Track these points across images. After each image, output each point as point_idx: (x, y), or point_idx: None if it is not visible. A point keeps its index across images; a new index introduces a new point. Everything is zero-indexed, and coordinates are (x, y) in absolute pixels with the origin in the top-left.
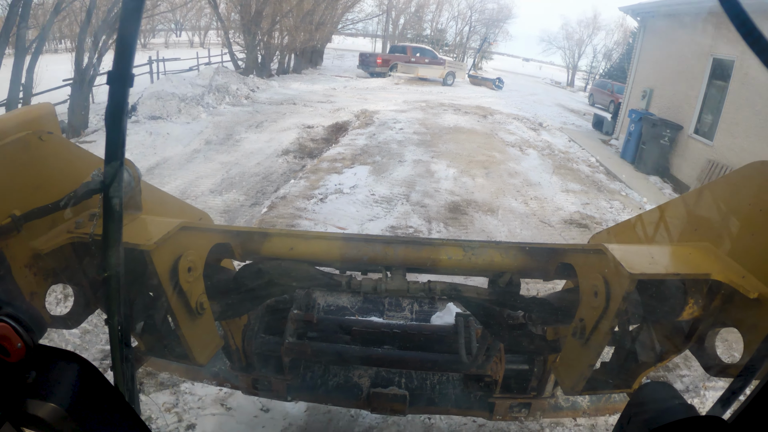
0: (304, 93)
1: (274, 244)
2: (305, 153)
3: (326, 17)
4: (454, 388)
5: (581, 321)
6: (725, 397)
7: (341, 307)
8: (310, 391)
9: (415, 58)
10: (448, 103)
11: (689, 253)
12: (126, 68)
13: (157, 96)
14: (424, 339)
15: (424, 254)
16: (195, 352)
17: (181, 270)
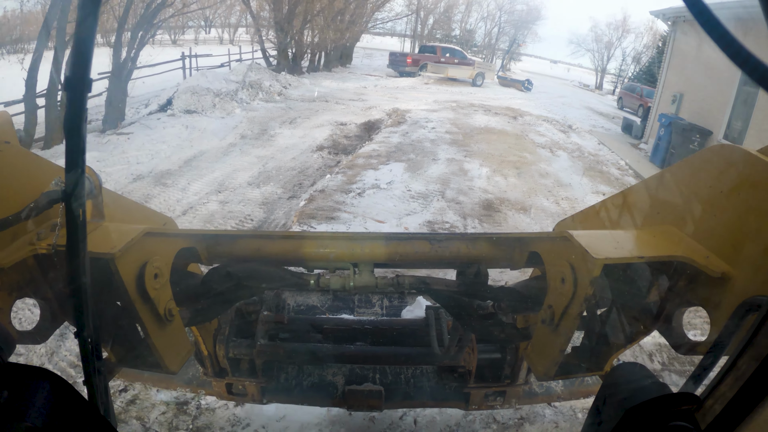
0: (336, 91)
1: (240, 246)
2: (339, 149)
3: (356, 16)
4: (429, 381)
5: (550, 308)
6: (696, 374)
7: (311, 306)
8: (285, 393)
9: (444, 58)
10: (478, 103)
11: (653, 237)
12: (84, 73)
13: (192, 91)
14: (395, 333)
15: (390, 249)
16: (166, 360)
17: (148, 277)
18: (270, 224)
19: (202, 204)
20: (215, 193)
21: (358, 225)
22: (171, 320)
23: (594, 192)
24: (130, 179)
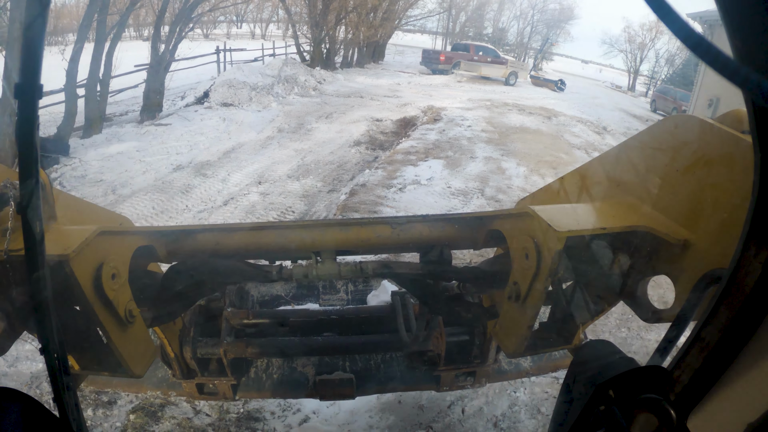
0: (370, 87)
1: (198, 241)
2: (376, 145)
3: (389, 13)
4: (399, 366)
5: (515, 284)
6: (662, 347)
7: (275, 296)
8: (256, 388)
9: (477, 56)
10: (512, 103)
11: (614, 209)
12: (34, 79)
13: (229, 84)
14: (362, 322)
15: (351, 235)
16: (131, 364)
17: (105, 278)
18: (311, 216)
19: (243, 195)
20: (255, 184)
21: None
22: (132, 322)
23: None
24: (171, 169)
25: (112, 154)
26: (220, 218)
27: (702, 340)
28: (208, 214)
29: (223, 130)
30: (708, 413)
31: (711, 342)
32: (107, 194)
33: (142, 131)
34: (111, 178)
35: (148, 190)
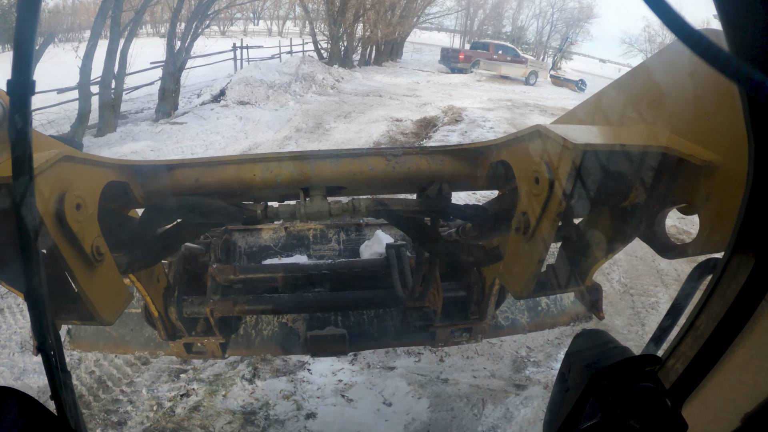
0: (388, 86)
1: (177, 178)
2: (397, 146)
3: (408, 11)
4: (393, 321)
5: (524, 214)
6: (657, 336)
7: (264, 247)
8: (246, 346)
9: (497, 55)
10: (533, 103)
11: (631, 131)
12: (26, 76)
13: (246, 82)
14: (355, 276)
15: (343, 168)
16: (100, 309)
17: (68, 207)
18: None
19: None
20: None
21: None
22: (101, 260)
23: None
24: None
25: (126, 153)
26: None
27: (696, 329)
28: None
29: (239, 129)
30: (703, 402)
31: (705, 331)
32: None
33: (157, 130)
34: None
35: None
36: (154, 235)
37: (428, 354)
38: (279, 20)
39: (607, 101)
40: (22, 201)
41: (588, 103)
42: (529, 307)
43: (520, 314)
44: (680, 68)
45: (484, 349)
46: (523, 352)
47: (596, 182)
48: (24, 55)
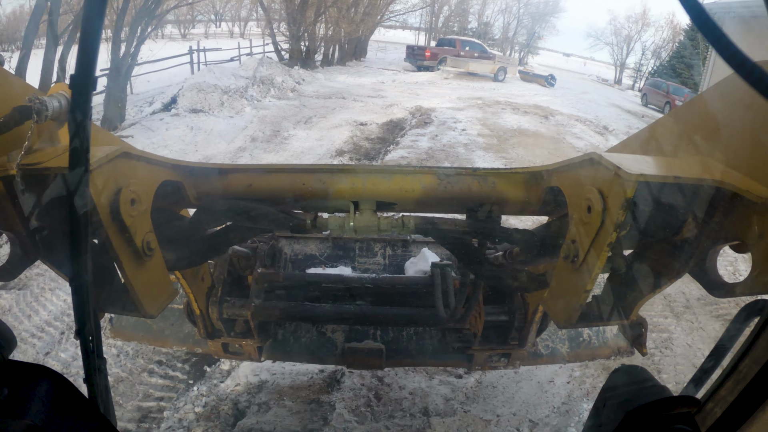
0: (352, 86)
1: (230, 181)
2: (361, 154)
3: (371, 8)
4: (431, 339)
5: (573, 242)
6: (697, 377)
7: (309, 255)
8: (282, 351)
9: (464, 52)
10: (504, 101)
11: (687, 162)
12: (89, 71)
13: (199, 88)
14: (398, 292)
15: (395, 184)
16: (144, 302)
17: (123, 202)
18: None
19: None
20: None
21: None
22: (150, 255)
23: None
24: None
25: None
26: None
27: (739, 373)
28: None
29: (189, 141)
30: None
31: (748, 375)
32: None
33: None
34: None
35: None
36: (203, 235)
37: None
38: (241, 22)
39: (662, 131)
40: (75, 191)
41: (642, 133)
42: (570, 336)
43: (561, 344)
44: (738, 100)
45: None
46: None
47: (648, 214)
48: (88, 53)
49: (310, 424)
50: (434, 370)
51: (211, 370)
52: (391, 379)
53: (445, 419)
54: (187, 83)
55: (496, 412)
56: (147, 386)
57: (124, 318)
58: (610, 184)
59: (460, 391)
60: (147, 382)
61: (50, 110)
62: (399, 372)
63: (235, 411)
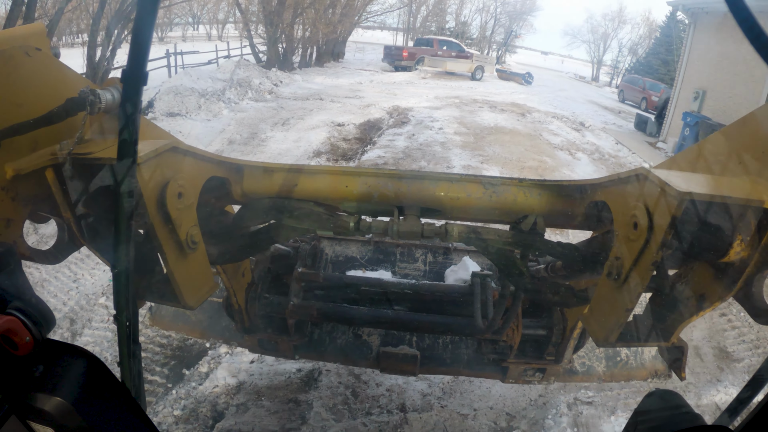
0: (330, 87)
1: (275, 180)
2: (339, 154)
3: (348, 9)
4: (467, 349)
5: (617, 259)
6: (733, 407)
7: (350, 258)
8: (317, 351)
9: (442, 51)
10: (481, 99)
11: (737, 182)
12: (140, 66)
13: (176, 91)
14: (437, 300)
15: (440, 191)
16: (185, 294)
17: (170, 195)
18: None
19: None
20: None
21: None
22: (193, 248)
23: None
24: None
25: None
26: None
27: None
28: None
29: None
30: None
31: None
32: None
33: None
34: None
35: None
36: (247, 232)
37: None
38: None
39: (712, 149)
40: (122, 181)
41: (691, 150)
42: (607, 355)
43: (597, 362)
44: None
45: None
46: None
47: (695, 233)
48: (140, 48)
49: (288, 424)
50: None
51: (189, 372)
52: (368, 376)
53: (422, 414)
54: (164, 87)
55: (473, 407)
56: None
57: (164, 308)
58: (657, 201)
59: (437, 387)
60: None
61: (103, 103)
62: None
63: (214, 413)
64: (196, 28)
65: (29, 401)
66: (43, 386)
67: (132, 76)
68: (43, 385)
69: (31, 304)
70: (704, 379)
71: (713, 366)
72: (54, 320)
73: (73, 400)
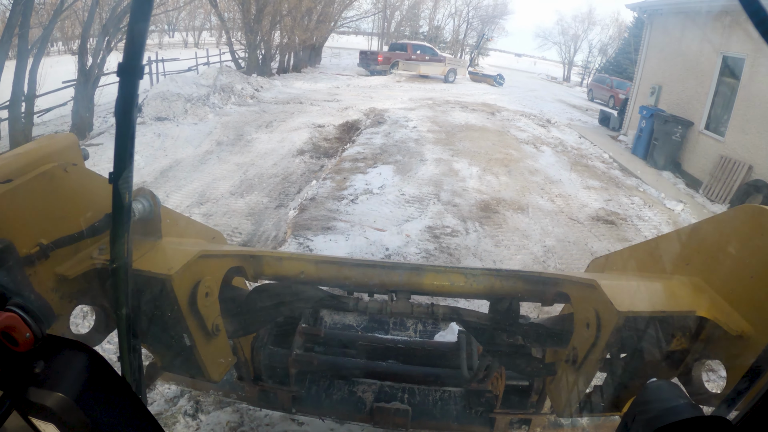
0: (308, 92)
1: (284, 267)
2: (321, 153)
3: (324, 15)
4: (455, 404)
5: (574, 349)
6: (730, 398)
7: (347, 326)
8: (314, 405)
9: (415, 55)
10: (454, 100)
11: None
12: (137, 60)
13: (163, 97)
14: (427, 354)
15: (427, 280)
16: (209, 370)
17: (200, 295)
18: (260, 237)
19: None
20: (197, 205)
21: (357, 234)
22: (217, 334)
23: (585, 187)
24: None
25: None
26: None
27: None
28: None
29: (158, 147)
30: None
31: None
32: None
33: None
34: None
35: None
36: (259, 308)
37: None
38: (195, 31)
39: (666, 247)
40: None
41: (646, 245)
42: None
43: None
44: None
45: None
46: None
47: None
48: (136, 41)
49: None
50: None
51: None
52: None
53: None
54: (151, 92)
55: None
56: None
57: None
58: (605, 311)
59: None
60: None
61: (137, 214)
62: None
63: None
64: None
65: (30, 397)
66: (44, 382)
67: (128, 70)
68: (44, 381)
69: (31, 300)
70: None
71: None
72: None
73: (75, 396)
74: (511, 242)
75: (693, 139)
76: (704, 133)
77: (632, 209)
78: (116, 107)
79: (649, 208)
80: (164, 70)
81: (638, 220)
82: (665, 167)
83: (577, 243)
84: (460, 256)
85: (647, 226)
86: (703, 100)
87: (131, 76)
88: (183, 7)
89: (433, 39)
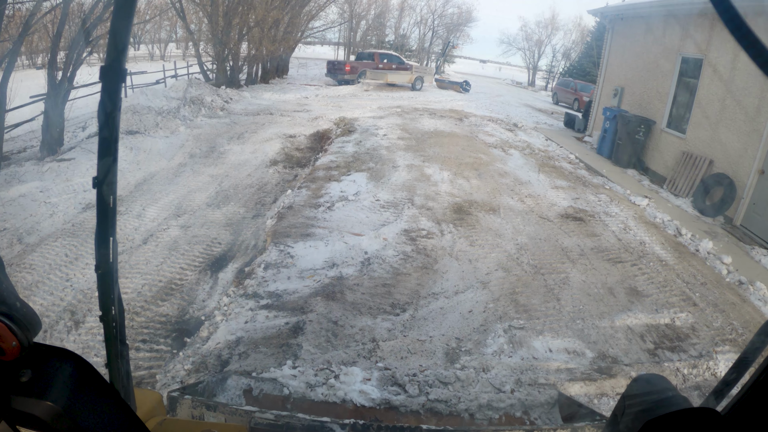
0: (278, 102)
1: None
2: (294, 162)
3: (292, 26)
4: None
5: None
6: (719, 389)
7: None
8: None
9: (382, 64)
10: (422, 107)
11: None
12: (119, 62)
13: (133, 110)
14: None
15: None
16: None
17: None
18: (240, 246)
19: (163, 230)
20: (174, 217)
21: (336, 240)
22: None
23: (553, 187)
24: (79, 209)
25: (13, 198)
26: (141, 258)
27: (761, 386)
28: (127, 256)
29: (131, 161)
30: None
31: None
32: (12, 245)
33: (44, 169)
34: (15, 225)
35: (58, 235)
36: None
37: None
38: (161, 44)
39: None
40: (104, 180)
41: None
42: None
43: None
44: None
45: None
46: None
47: None
48: (118, 43)
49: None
50: (376, 310)
51: (191, 339)
52: (343, 321)
53: (389, 342)
54: (122, 105)
55: (429, 335)
56: (135, 360)
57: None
58: None
59: (399, 323)
60: (135, 357)
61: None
62: (347, 315)
63: (220, 362)
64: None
65: (18, 407)
66: (31, 391)
67: (111, 72)
68: (31, 390)
69: (16, 308)
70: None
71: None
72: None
73: (63, 404)
74: (485, 241)
75: (656, 138)
76: (666, 131)
77: (599, 206)
78: (99, 110)
79: (616, 205)
80: (132, 83)
81: (605, 216)
82: (630, 165)
83: (548, 239)
84: (437, 257)
85: (614, 221)
86: (664, 100)
87: (114, 78)
88: (149, 20)
89: (399, 48)
